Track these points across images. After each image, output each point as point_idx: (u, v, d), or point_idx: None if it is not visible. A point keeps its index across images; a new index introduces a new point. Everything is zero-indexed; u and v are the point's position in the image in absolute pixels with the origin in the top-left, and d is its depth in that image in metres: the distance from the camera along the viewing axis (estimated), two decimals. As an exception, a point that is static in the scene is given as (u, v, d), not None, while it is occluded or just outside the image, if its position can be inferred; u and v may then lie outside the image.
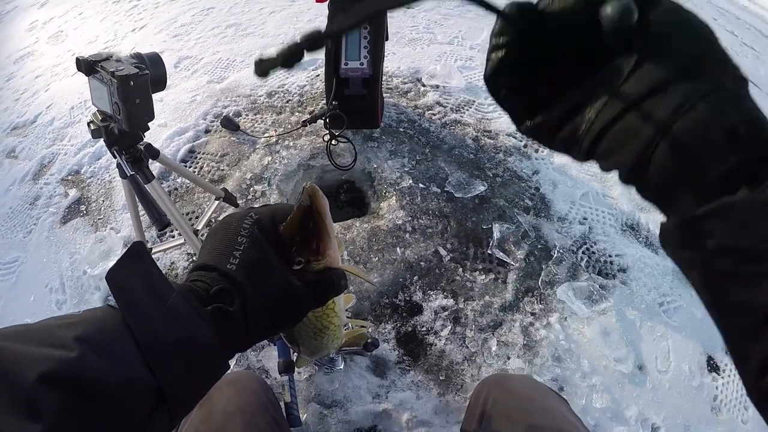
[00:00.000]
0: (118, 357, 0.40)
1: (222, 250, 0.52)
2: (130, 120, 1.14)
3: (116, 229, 2.00)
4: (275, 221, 0.57)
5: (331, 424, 1.47)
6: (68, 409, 0.36)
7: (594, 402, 1.57)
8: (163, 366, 0.42)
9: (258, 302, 0.51)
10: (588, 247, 1.97)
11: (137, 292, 0.44)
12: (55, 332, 0.39)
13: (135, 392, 0.40)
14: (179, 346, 0.43)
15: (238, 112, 2.45)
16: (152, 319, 0.43)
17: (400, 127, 2.32)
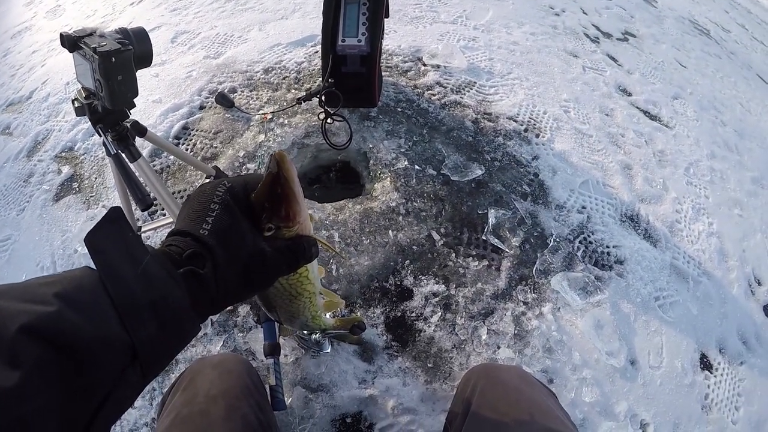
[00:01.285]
0: (95, 314, 0.42)
1: (195, 217, 0.55)
2: (112, 97, 1.12)
3: (108, 207, 1.95)
4: (247, 189, 0.60)
5: (316, 408, 1.44)
6: (45, 360, 0.38)
7: (583, 395, 1.54)
8: (137, 325, 0.44)
9: (228, 265, 0.54)
10: (585, 237, 1.94)
11: (114, 255, 0.47)
12: (35, 290, 0.42)
13: (109, 348, 0.42)
14: (152, 306, 0.46)
15: (233, 88, 2.41)
16: (127, 281, 0.45)
17: (398, 107, 2.28)
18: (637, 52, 3.58)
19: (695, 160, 2.59)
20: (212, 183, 0.59)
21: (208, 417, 0.85)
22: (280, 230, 0.60)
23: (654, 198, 2.24)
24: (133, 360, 0.44)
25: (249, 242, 0.56)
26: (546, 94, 2.62)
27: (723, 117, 3.18)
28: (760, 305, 2.03)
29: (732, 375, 1.76)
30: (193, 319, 0.51)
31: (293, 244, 0.61)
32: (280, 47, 2.70)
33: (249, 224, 0.58)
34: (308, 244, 0.63)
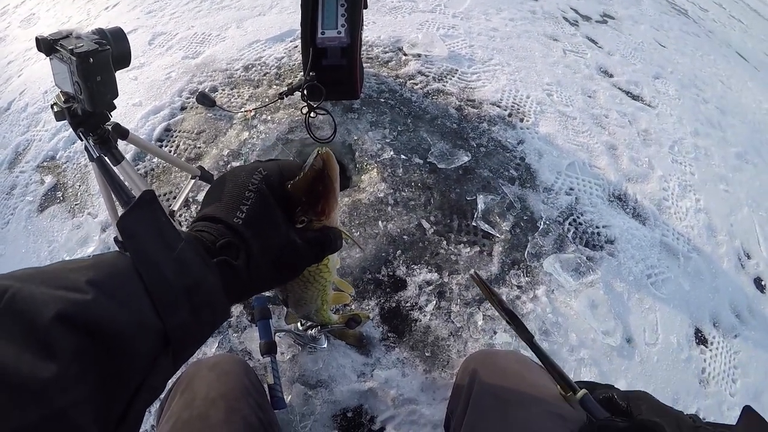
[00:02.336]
0: (128, 301, 0.41)
1: (229, 203, 0.55)
2: (92, 99, 1.11)
3: (93, 214, 1.95)
4: (283, 177, 0.59)
5: (316, 404, 1.43)
6: (82, 349, 0.37)
7: (582, 376, 1.55)
8: (171, 312, 0.44)
9: (261, 257, 0.54)
10: (575, 218, 1.94)
11: (146, 240, 0.46)
12: (67, 275, 0.40)
13: (143, 335, 0.41)
14: (186, 292, 0.45)
15: (214, 87, 2.38)
16: (161, 266, 0.45)
17: (381, 98, 2.27)
18: (617, 33, 3.60)
19: (679, 138, 2.61)
20: (248, 168, 0.58)
21: (208, 420, 0.84)
22: (311, 222, 0.60)
23: (640, 177, 2.25)
24: (165, 347, 0.44)
25: (282, 233, 0.56)
26: (528, 79, 2.62)
27: (704, 95, 3.20)
28: (751, 278, 2.05)
29: (727, 348, 1.77)
30: (224, 306, 0.51)
31: (322, 236, 0.61)
32: (259, 44, 2.67)
33: (282, 214, 0.58)
34: (335, 237, 0.63)
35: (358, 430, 1.41)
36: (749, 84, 3.88)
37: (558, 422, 0.82)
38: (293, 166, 0.61)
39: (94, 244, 1.81)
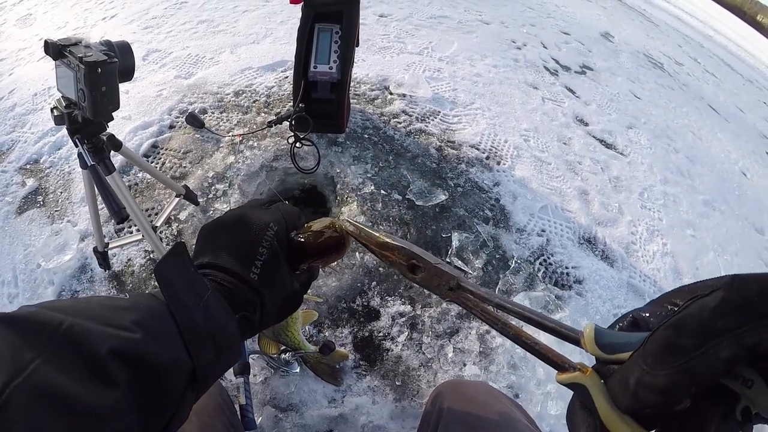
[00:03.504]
0: (167, 341, 0.47)
1: (245, 258, 0.59)
2: (94, 108, 1.12)
3: (73, 222, 1.94)
4: (288, 231, 0.66)
5: (286, 428, 1.44)
6: (132, 380, 0.42)
7: (549, 409, 1.59)
8: (200, 351, 0.50)
9: (271, 308, 0.61)
10: (545, 259, 2.01)
11: (179, 287, 0.51)
12: (113, 314, 0.45)
13: (178, 371, 0.47)
14: (212, 336, 0.51)
15: (204, 109, 2.42)
16: (192, 312, 0.50)
17: (365, 134, 2.33)
18: (594, 84, 3.73)
19: (649, 185, 2.71)
20: (261, 222, 0.63)
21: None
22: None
23: (610, 221, 2.33)
24: (191, 382, 0.49)
25: (288, 285, 0.63)
26: (507, 124, 2.71)
27: (675, 144, 3.33)
28: (713, 322, 2.11)
29: None
30: (239, 348, 0.57)
31: (310, 275, 0.70)
32: (251, 71, 2.73)
33: (287, 267, 0.64)
34: (317, 272, 0.72)
35: (327, 454, 1.42)
36: (719, 135, 4.04)
37: None
38: (294, 216, 0.68)
39: (72, 252, 1.81)
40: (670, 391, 0.34)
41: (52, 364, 0.37)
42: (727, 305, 0.32)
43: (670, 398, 0.35)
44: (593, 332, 0.44)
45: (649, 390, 0.35)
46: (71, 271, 1.75)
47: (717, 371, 0.32)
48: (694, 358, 0.33)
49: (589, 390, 0.43)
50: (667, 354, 0.34)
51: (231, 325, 0.54)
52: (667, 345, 0.35)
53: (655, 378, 0.35)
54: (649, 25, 7.88)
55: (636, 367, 0.37)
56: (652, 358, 0.35)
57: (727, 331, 0.31)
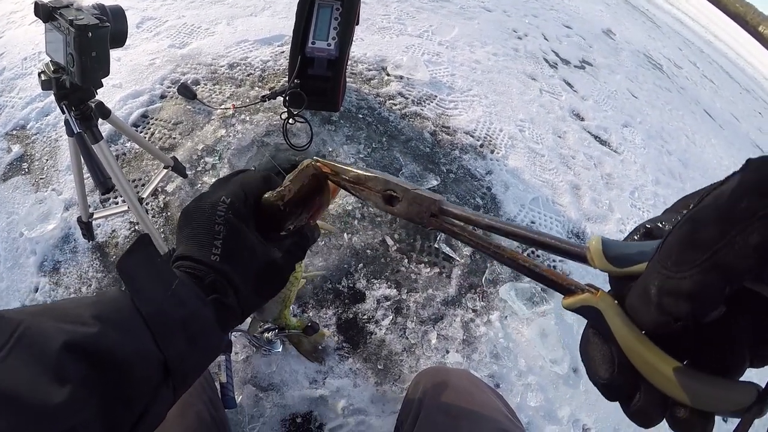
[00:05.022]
0: (130, 333, 0.45)
1: (202, 241, 0.56)
2: (83, 73, 1.09)
3: (58, 191, 1.90)
4: (248, 199, 0.59)
5: (266, 407, 1.43)
6: (89, 376, 0.40)
7: (528, 400, 1.59)
8: (169, 341, 0.47)
9: (246, 286, 0.56)
10: (533, 250, 2.00)
11: (145, 280, 0.49)
12: (73, 311, 0.44)
13: (144, 364, 0.45)
14: (182, 323, 0.48)
15: (196, 80, 2.38)
16: (159, 302, 0.48)
17: (360, 114, 2.31)
18: (593, 80, 3.72)
19: (640, 184, 2.72)
20: (210, 200, 0.58)
21: None
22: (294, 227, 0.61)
23: (600, 217, 2.33)
24: (166, 377, 0.47)
25: (259, 258, 0.58)
26: (503, 113, 2.69)
27: (669, 147, 3.34)
28: (696, 323, 2.13)
29: None
30: (219, 334, 0.53)
31: (300, 239, 0.63)
32: (246, 44, 2.69)
33: (256, 236, 0.59)
34: (311, 232, 0.64)
35: (306, 436, 1.42)
36: (713, 141, 4.05)
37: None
38: (254, 183, 0.61)
39: (56, 221, 1.77)
40: (699, 293, 0.29)
41: (5, 365, 0.38)
42: (746, 185, 0.28)
43: (701, 303, 0.29)
44: (600, 244, 0.38)
45: (675, 297, 0.30)
46: (54, 241, 1.72)
47: (749, 263, 0.27)
48: (720, 249, 0.28)
49: (603, 313, 0.38)
50: (689, 250, 0.30)
51: (203, 310, 0.51)
52: (687, 241, 0.30)
53: (680, 281, 0.30)
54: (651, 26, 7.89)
55: (656, 274, 0.31)
56: (671, 260, 0.30)
57: (751, 213, 0.27)
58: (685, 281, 0.29)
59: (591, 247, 0.39)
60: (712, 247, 0.28)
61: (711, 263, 0.28)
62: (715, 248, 0.28)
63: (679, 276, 0.30)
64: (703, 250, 0.28)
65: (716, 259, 0.28)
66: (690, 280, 0.29)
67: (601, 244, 0.38)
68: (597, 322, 0.38)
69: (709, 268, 0.28)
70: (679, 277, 0.29)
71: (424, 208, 0.52)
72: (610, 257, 0.38)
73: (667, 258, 0.31)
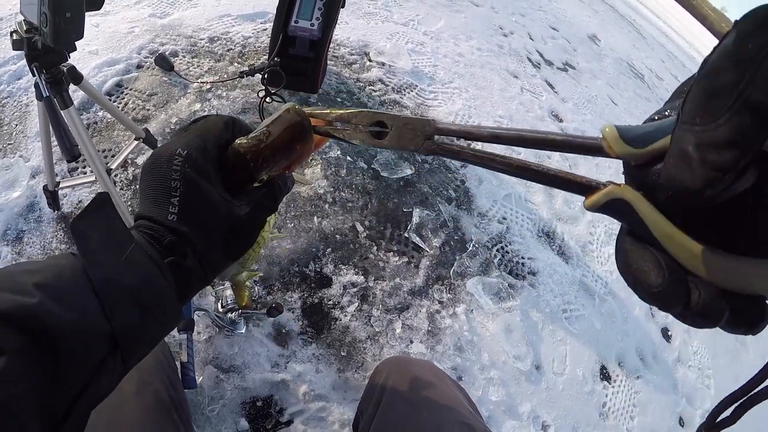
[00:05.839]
0: (75, 303, 0.41)
1: (158, 199, 0.50)
2: (56, 34, 1.04)
3: (25, 158, 1.84)
4: (209, 149, 0.53)
5: (227, 389, 1.41)
6: (25, 349, 0.37)
7: (490, 395, 1.60)
8: (117, 311, 0.42)
9: (208, 246, 0.51)
10: (503, 246, 2.01)
11: (97, 242, 0.45)
12: (16, 278, 0.40)
13: (89, 338, 0.41)
14: (133, 293, 0.44)
15: (175, 52, 2.32)
16: (110, 267, 0.44)
17: (338, 97, 2.28)
18: (574, 83, 3.74)
19: (613, 189, 2.73)
20: (166, 153, 0.51)
21: (120, 391, 0.78)
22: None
23: (571, 219, 2.34)
24: (113, 348, 0.43)
25: (222, 214, 0.52)
26: (482, 108, 2.69)
27: (644, 155, 3.37)
28: (659, 327, 2.18)
29: (629, 387, 1.88)
30: (176, 304, 0.48)
31: (270, 190, 0.56)
32: (229, 18, 2.63)
33: (218, 191, 0.52)
34: (284, 182, 0.58)
35: (266, 420, 1.40)
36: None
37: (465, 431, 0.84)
38: (217, 126, 0.55)
39: (21, 189, 1.71)
40: (740, 136, 0.27)
41: None
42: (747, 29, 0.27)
43: (743, 147, 0.28)
44: (615, 129, 0.35)
45: (716, 148, 0.28)
46: (19, 209, 1.66)
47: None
48: (743, 90, 0.27)
49: (633, 204, 0.34)
50: (714, 100, 0.28)
51: (159, 279, 0.46)
52: (709, 91, 0.28)
53: (716, 131, 0.28)
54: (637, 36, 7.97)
55: (687, 134, 0.30)
56: (699, 115, 0.29)
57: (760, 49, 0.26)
58: (720, 129, 0.28)
59: (605, 134, 0.35)
60: (736, 89, 0.27)
61: (740, 104, 0.27)
62: (739, 89, 0.27)
63: (714, 126, 0.28)
64: (728, 94, 0.27)
65: (744, 99, 0.27)
66: (726, 126, 0.27)
67: (616, 129, 0.35)
68: (628, 218, 0.35)
69: (740, 110, 0.27)
70: (713, 128, 0.28)
71: (418, 132, 0.48)
72: (628, 139, 0.34)
73: (694, 116, 0.29)
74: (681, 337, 2.26)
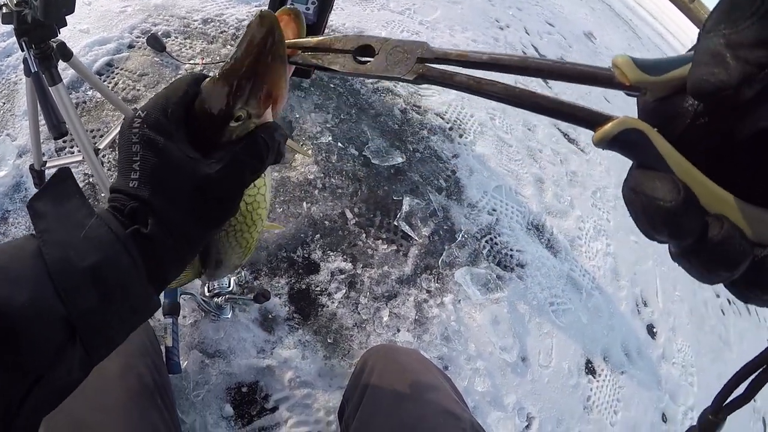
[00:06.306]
0: (27, 286, 0.38)
1: (123, 168, 0.46)
2: (46, 7, 1.02)
3: (12, 137, 1.80)
4: (171, 106, 0.47)
5: (212, 374, 1.40)
6: None
7: (476, 385, 1.61)
8: (73, 294, 0.39)
9: (174, 214, 0.45)
10: (492, 238, 2.01)
11: (55, 219, 0.41)
12: None
13: (42, 322, 0.38)
14: (93, 273, 0.40)
15: (167, 32, 2.29)
16: (66, 246, 0.40)
17: (331, 83, 2.26)
18: (567, 78, 3.73)
19: (603, 186, 2.74)
20: (128, 119, 0.47)
21: (103, 374, 0.78)
22: (249, 120, 0.47)
23: (560, 213, 2.35)
24: (72, 335, 0.39)
25: (186, 172, 0.45)
26: (475, 99, 2.67)
27: (635, 152, 3.38)
28: (644, 324, 2.19)
29: (613, 382, 1.89)
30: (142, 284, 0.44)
31: (250, 143, 0.47)
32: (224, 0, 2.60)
33: (182, 148, 0.46)
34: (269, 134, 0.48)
35: (251, 406, 1.39)
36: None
37: (450, 421, 0.85)
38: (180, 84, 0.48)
39: (7, 168, 1.68)
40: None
41: None
42: None
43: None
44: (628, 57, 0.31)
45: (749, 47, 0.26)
46: (4, 189, 1.63)
47: None
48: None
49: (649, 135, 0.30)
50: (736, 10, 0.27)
51: (121, 255, 0.41)
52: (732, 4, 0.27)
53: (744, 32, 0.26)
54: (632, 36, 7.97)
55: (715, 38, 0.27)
56: (723, 23, 0.27)
57: None
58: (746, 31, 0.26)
59: (618, 62, 0.32)
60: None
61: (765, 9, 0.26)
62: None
63: (740, 29, 0.27)
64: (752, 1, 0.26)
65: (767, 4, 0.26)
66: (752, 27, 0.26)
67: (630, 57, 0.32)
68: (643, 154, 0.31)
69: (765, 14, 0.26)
70: (740, 30, 0.26)
71: (409, 54, 0.43)
72: (643, 67, 0.31)
73: (718, 23, 0.28)
74: (666, 334, 2.28)
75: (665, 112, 0.31)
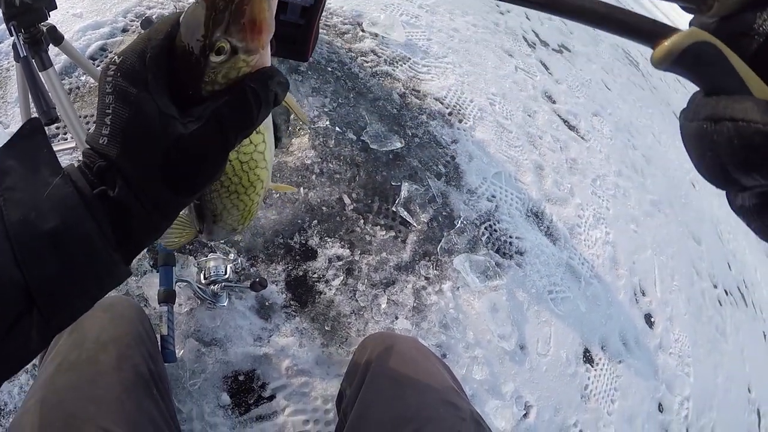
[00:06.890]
0: None
1: (97, 121, 0.41)
2: None
3: (5, 124, 1.78)
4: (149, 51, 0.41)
5: (208, 363, 1.38)
6: None
7: (474, 373, 1.60)
8: (32, 260, 0.36)
9: (142, 178, 0.40)
10: (491, 224, 1.99)
11: (20, 177, 0.38)
12: None
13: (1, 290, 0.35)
14: (54, 237, 0.37)
15: (162, 16, 2.23)
16: (29, 206, 0.37)
17: (329, 67, 2.23)
18: (569, 65, 3.71)
19: (603, 174, 2.72)
20: (104, 65, 0.41)
21: (97, 365, 0.78)
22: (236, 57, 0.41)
23: (560, 200, 2.33)
24: (31, 304, 0.36)
25: (156, 130, 0.40)
26: (476, 84, 2.65)
27: (635, 141, 3.36)
28: (642, 313, 2.18)
29: (611, 371, 1.89)
30: (107, 252, 0.40)
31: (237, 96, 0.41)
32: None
33: (157, 100, 0.40)
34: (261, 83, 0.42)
35: (248, 395, 1.38)
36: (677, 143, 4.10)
37: (450, 410, 0.84)
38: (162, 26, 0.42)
39: (7, 141, 1.66)
40: None
41: None
42: None
43: None
44: None
45: None
46: (-4, 177, 1.60)
47: None
48: None
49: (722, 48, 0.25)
50: None
51: (84, 219, 0.38)
52: None
53: None
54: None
55: None
56: None
57: None
58: None
59: None
60: None
61: None
62: None
63: None
64: None
65: None
66: None
67: None
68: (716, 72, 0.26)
69: None
70: None
71: None
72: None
73: None
74: (663, 324, 2.28)
75: (732, 30, 0.27)
